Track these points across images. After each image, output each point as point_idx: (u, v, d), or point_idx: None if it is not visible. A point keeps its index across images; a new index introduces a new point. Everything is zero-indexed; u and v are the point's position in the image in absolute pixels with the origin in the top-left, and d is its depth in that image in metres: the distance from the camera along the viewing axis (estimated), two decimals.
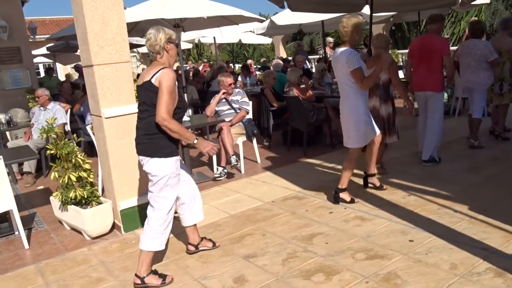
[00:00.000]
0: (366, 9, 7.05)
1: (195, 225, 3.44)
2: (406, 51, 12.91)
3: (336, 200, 4.17)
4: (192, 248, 3.44)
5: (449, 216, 3.63)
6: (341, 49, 3.90)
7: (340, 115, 4.14)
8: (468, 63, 5.40)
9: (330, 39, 12.11)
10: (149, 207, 3.05)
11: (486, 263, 2.85)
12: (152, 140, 2.89)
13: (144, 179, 4.02)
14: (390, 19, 11.23)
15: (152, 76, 2.83)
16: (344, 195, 4.15)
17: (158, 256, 3.40)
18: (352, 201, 4.12)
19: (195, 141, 2.96)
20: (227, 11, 6.37)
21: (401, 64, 11.52)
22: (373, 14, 6.51)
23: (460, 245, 3.11)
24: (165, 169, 2.91)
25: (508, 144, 5.68)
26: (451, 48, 7.03)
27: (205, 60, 21.45)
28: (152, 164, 2.91)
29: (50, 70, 12.34)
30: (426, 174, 4.77)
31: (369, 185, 4.46)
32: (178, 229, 3.89)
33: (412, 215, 3.74)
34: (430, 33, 5.04)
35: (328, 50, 11.69)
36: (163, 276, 3.03)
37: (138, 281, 2.98)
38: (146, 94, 2.86)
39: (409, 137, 5.42)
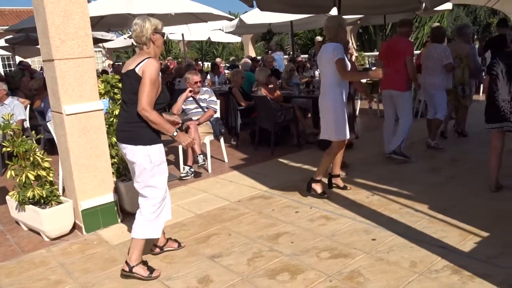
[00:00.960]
0: (334, 11, 7.13)
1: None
2: (373, 53, 13.20)
3: (308, 188, 4.28)
4: (157, 250, 3.38)
5: (410, 215, 3.73)
6: (328, 44, 4.12)
7: (320, 109, 4.26)
8: (427, 65, 5.67)
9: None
10: (139, 197, 3.01)
11: (444, 260, 2.94)
12: (134, 128, 2.86)
13: (105, 179, 3.92)
14: (358, 22, 11.46)
15: (137, 65, 2.82)
16: (316, 186, 4.26)
17: (119, 258, 3.33)
18: (322, 194, 4.23)
19: (175, 133, 2.93)
20: (196, 9, 6.33)
21: (367, 66, 11.76)
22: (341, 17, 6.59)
23: (420, 244, 3.20)
24: (149, 157, 2.88)
25: (467, 146, 5.90)
26: (415, 52, 7.26)
27: (170, 58, 21.18)
28: (136, 152, 2.88)
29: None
30: (389, 174, 4.88)
31: (333, 185, 4.52)
32: None
33: (375, 214, 3.82)
34: (399, 35, 5.25)
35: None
36: (151, 270, 3.01)
37: (127, 269, 2.98)
38: (129, 83, 2.85)
39: (373, 138, 5.55)
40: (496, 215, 3.63)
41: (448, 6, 8.66)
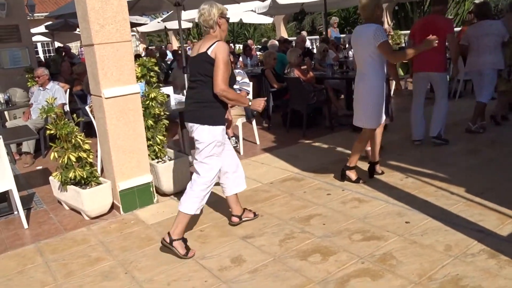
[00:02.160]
0: None
1: (237, 195, 3.55)
2: (409, 31, 12.75)
3: (342, 177, 4.23)
4: (236, 220, 3.55)
5: (446, 198, 3.65)
6: (366, 25, 3.91)
7: (355, 94, 4.11)
8: (486, 43, 5.28)
9: (335, 19, 11.92)
10: (194, 173, 3.18)
11: (481, 244, 2.88)
12: (203, 108, 3.04)
13: (142, 161, 4.04)
14: None
15: (208, 48, 2.97)
16: (351, 173, 4.19)
17: (155, 237, 3.45)
18: (357, 181, 4.16)
19: (250, 103, 3.18)
20: None
21: (403, 45, 11.41)
22: None
23: (456, 227, 3.14)
24: (212, 136, 3.05)
25: (508, 128, 5.67)
26: (455, 29, 6.95)
27: (195, 41, 21.23)
28: (201, 131, 3.05)
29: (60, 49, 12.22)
30: (424, 156, 4.78)
31: (375, 173, 4.35)
32: (176, 210, 3.93)
33: (409, 197, 3.76)
34: (434, 14, 4.99)
35: (334, 29, 11.55)
36: (187, 249, 3.13)
37: (167, 240, 3.10)
38: (202, 66, 3.00)
39: (407, 119, 5.39)
40: None
41: None
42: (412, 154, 4.85)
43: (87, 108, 5.39)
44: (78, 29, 3.99)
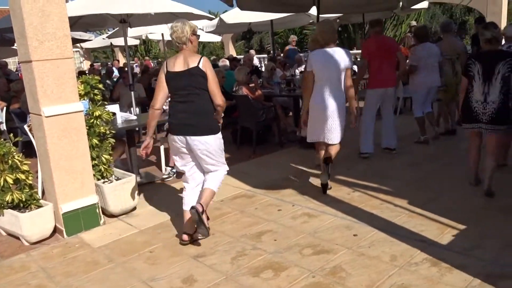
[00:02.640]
0: (313, 10, 7.21)
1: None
2: (352, 51, 13.27)
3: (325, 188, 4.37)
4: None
5: (390, 211, 3.80)
6: (335, 48, 4.23)
7: (333, 114, 4.23)
8: (432, 63, 5.73)
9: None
10: (212, 171, 3.50)
11: (423, 253, 3.01)
12: (205, 119, 3.28)
13: (86, 182, 3.88)
14: (337, 20, 11.55)
15: (198, 63, 3.20)
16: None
17: (102, 261, 3.31)
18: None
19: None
20: (176, 8, 6.27)
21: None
22: (320, 15, 6.66)
23: (400, 238, 3.27)
24: (219, 140, 3.40)
25: (446, 142, 6.02)
26: None
27: (147, 58, 20.98)
28: (210, 141, 3.30)
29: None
30: (369, 170, 4.96)
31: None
32: (124, 231, 3.80)
33: (356, 210, 3.88)
34: (377, 34, 5.35)
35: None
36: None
37: (200, 209, 3.24)
38: (197, 79, 3.20)
39: (351, 134, 5.52)
40: (473, 208, 3.73)
41: (424, 4, 8.81)
42: (358, 168, 5.03)
43: (25, 127, 5.12)
44: (15, 44, 3.82)
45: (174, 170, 5.28)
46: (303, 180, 4.78)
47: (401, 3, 6.48)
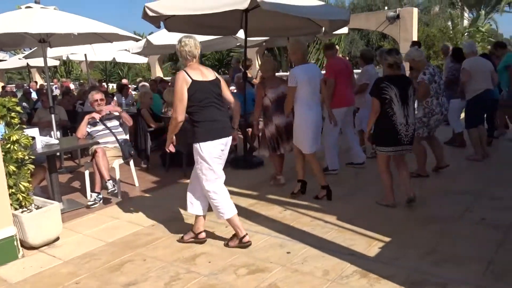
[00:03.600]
0: (241, 34, 7.38)
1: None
2: (278, 74, 13.65)
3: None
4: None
5: (321, 227, 3.93)
6: (309, 64, 4.70)
7: (313, 124, 4.63)
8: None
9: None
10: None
11: (353, 266, 3.14)
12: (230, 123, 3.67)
13: (2, 212, 3.58)
14: (263, 44, 11.90)
15: (216, 76, 3.55)
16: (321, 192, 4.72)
17: None
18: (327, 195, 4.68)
19: None
20: (101, 29, 6.10)
21: None
22: (247, 38, 6.82)
23: (331, 253, 3.38)
24: None
25: (369, 160, 6.36)
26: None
27: (64, 80, 20.06)
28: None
29: None
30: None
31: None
32: (46, 264, 3.54)
33: (289, 228, 3.96)
34: (331, 56, 5.75)
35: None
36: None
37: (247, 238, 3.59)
38: (218, 89, 3.52)
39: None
40: (396, 221, 3.98)
41: (344, 30, 9.36)
42: (289, 187, 5.11)
43: None
44: None
45: (100, 196, 5.04)
46: (234, 201, 4.76)
47: (323, 29, 6.84)
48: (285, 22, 6.83)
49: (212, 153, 3.48)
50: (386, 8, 17.00)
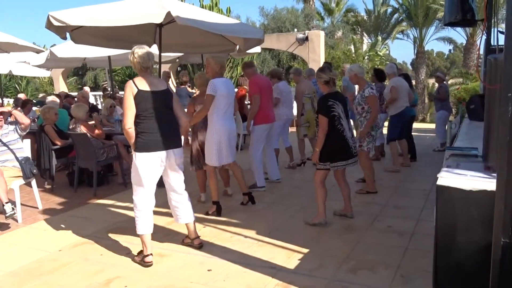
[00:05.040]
0: (154, 48, 7.22)
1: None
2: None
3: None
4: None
5: (241, 242, 3.91)
6: (224, 78, 4.63)
7: (226, 135, 4.63)
8: (287, 99, 6.54)
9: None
10: (183, 186, 3.74)
11: (275, 279, 3.16)
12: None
13: None
14: (176, 60, 11.78)
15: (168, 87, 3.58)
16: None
17: None
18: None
19: None
20: None
21: None
22: (162, 54, 6.69)
23: (252, 267, 3.37)
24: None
25: (283, 174, 6.52)
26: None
27: None
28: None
29: None
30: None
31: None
32: None
33: (209, 245, 3.88)
34: (252, 74, 5.76)
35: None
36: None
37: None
38: (169, 99, 3.55)
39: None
40: (313, 233, 4.09)
41: (257, 49, 9.64)
42: (205, 204, 5.01)
43: None
44: None
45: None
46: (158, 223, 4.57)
47: (238, 47, 6.95)
48: (199, 39, 6.84)
49: (146, 165, 3.43)
50: (295, 30, 17.81)
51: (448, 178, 2.32)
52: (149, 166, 3.45)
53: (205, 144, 4.70)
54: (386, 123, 7.20)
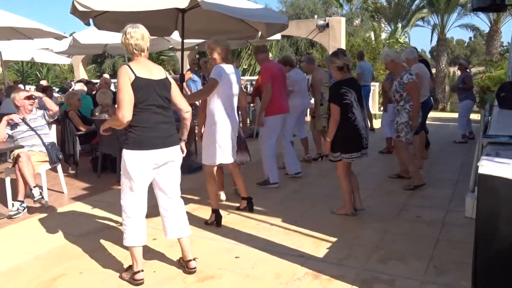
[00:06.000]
0: (175, 35, 7.18)
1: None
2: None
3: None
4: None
5: (267, 230, 3.88)
6: (229, 65, 4.07)
7: (236, 128, 4.19)
8: (304, 88, 6.21)
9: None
10: (179, 196, 3.24)
11: (304, 268, 3.12)
12: (174, 129, 3.12)
13: None
14: (195, 47, 11.72)
15: (167, 76, 3.04)
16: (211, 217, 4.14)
17: None
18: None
19: None
20: (19, 23, 5.59)
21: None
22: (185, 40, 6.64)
23: (280, 255, 3.34)
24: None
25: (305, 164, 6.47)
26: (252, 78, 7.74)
27: None
28: (179, 150, 3.13)
29: None
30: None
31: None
32: None
33: (234, 232, 3.86)
34: (265, 60, 5.29)
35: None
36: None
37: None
38: (166, 89, 3.01)
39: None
40: (339, 222, 4.04)
41: (278, 36, 9.49)
42: (228, 191, 4.95)
43: None
44: None
45: (24, 205, 4.58)
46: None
47: (260, 33, 6.85)
48: (220, 25, 6.74)
49: (137, 165, 2.93)
50: (315, 16, 17.53)
51: (490, 166, 2.24)
52: (141, 166, 2.93)
53: (202, 140, 4.14)
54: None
